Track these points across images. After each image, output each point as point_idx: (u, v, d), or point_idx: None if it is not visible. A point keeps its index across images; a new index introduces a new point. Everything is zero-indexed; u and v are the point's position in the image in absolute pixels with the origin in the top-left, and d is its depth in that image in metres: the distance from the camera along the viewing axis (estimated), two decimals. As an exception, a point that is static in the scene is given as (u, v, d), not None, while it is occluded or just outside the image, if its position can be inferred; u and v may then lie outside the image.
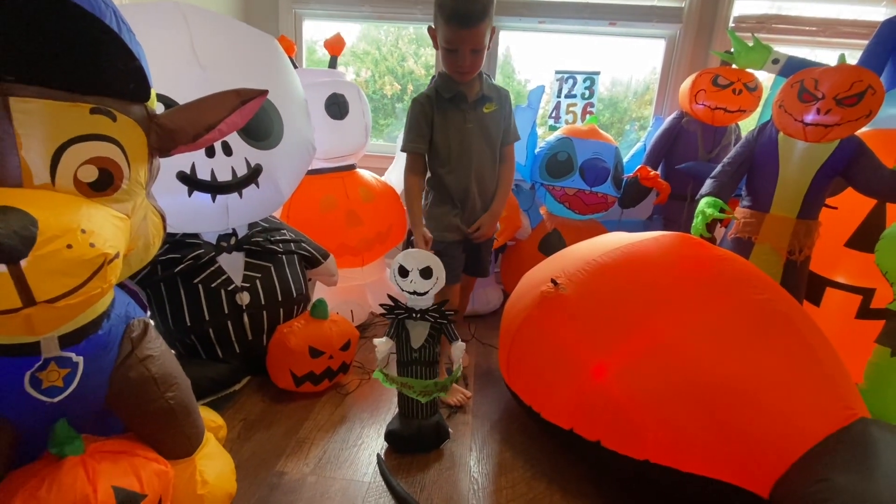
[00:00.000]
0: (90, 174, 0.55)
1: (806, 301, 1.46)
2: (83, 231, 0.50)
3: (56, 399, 0.66)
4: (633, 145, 2.05)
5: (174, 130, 0.65)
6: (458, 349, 1.05)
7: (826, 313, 1.45)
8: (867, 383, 1.11)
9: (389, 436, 1.08)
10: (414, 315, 1.04)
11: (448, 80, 1.16)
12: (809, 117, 1.22)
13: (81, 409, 0.73)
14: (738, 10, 1.99)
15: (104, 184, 0.57)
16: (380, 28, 2.40)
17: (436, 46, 1.14)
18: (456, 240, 1.27)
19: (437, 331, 1.06)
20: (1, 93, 0.49)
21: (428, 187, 1.29)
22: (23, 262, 0.46)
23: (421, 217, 1.23)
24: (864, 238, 1.36)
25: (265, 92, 0.71)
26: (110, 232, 0.54)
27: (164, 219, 0.72)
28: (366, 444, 1.09)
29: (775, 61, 1.58)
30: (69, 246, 0.48)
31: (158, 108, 0.72)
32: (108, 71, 0.54)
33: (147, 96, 0.61)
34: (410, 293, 1.03)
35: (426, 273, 1.02)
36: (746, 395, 0.78)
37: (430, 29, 1.14)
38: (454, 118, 1.18)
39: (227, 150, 1.09)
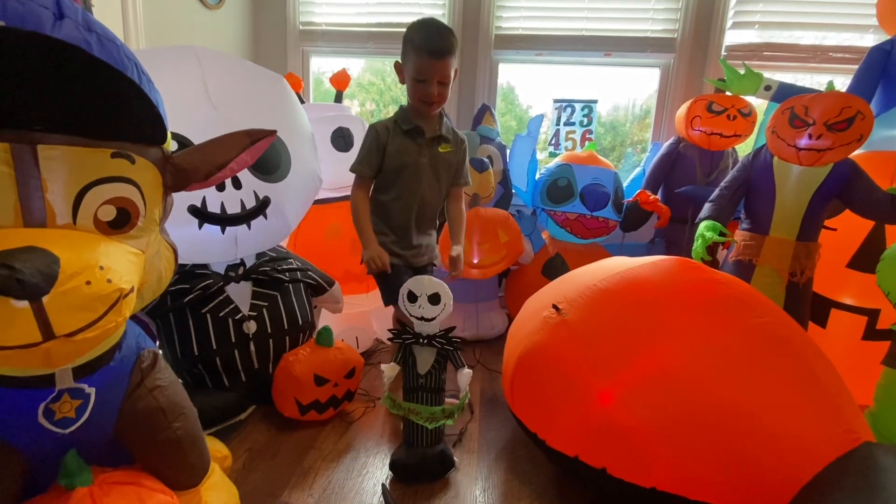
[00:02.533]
0: (109, 214, 0.58)
1: (812, 323, 1.45)
2: (101, 268, 0.53)
3: (68, 430, 0.68)
4: (634, 168, 2.09)
5: (188, 170, 0.68)
6: (464, 376, 1.05)
7: (832, 335, 1.44)
8: (877, 406, 1.10)
9: (394, 465, 1.07)
10: (421, 340, 1.05)
11: (409, 114, 1.22)
12: (802, 142, 1.25)
13: (91, 439, 0.74)
14: (729, 39, 2.06)
15: (122, 222, 0.60)
16: (384, 60, 2.50)
17: (402, 80, 1.20)
18: (401, 263, 1.28)
19: (444, 357, 1.07)
20: (31, 141, 0.52)
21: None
22: (44, 299, 0.49)
23: (373, 235, 1.21)
24: (866, 259, 1.37)
25: (274, 132, 0.75)
26: (126, 267, 0.57)
27: (175, 253, 0.75)
28: (370, 474, 1.09)
29: (767, 87, 1.62)
30: (88, 282, 0.51)
31: (172, 146, 0.76)
32: (129, 119, 0.58)
33: (164, 139, 0.65)
34: (418, 318, 1.05)
35: (434, 299, 1.04)
36: (750, 420, 0.78)
37: (396, 64, 1.20)
38: (409, 149, 1.21)
39: (237, 184, 1.14)
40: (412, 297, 1.05)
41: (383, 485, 1.04)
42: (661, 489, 0.82)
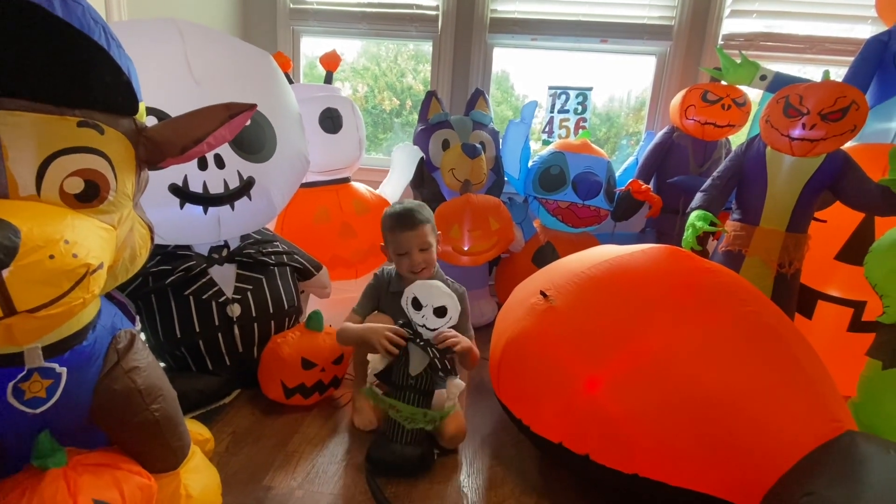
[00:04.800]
0: (76, 186, 0.56)
1: (798, 314, 1.46)
2: (66, 242, 0.50)
3: (39, 410, 0.66)
4: (627, 159, 2.08)
5: (162, 143, 0.66)
6: (455, 387, 1.03)
7: (818, 326, 1.45)
8: (860, 397, 1.10)
9: (371, 460, 1.03)
10: (418, 341, 1.03)
11: (398, 279, 1.20)
12: (796, 132, 1.24)
13: (65, 420, 0.72)
14: (726, 27, 2.04)
15: (90, 195, 0.57)
16: (380, 45, 2.45)
17: (390, 260, 1.23)
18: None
19: (439, 363, 1.03)
20: (-11, 106, 0.50)
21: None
22: (4, 272, 0.46)
23: (365, 328, 1.10)
24: (854, 251, 1.37)
25: (253, 106, 0.72)
26: (95, 243, 0.55)
27: (151, 230, 0.73)
28: (355, 459, 1.08)
29: (763, 77, 1.61)
30: (51, 256, 0.49)
31: (151, 122, 0.73)
32: (96, 86, 0.55)
33: (135, 110, 0.62)
34: (420, 326, 1.03)
35: (440, 312, 1.01)
36: (734, 407, 0.78)
37: (381, 248, 1.23)
38: (400, 312, 1.11)
39: (220, 163, 1.11)
40: (417, 305, 1.01)
41: (368, 470, 1.03)
42: (643, 475, 0.82)
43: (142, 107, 0.65)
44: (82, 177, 0.56)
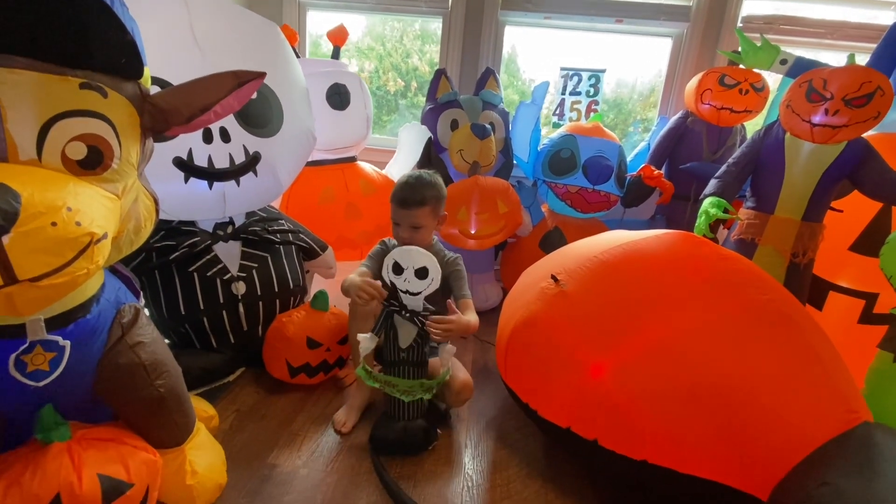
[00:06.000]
0: (79, 151, 0.53)
1: (808, 305, 1.44)
2: (69, 209, 0.48)
3: (41, 383, 0.65)
4: (635, 147, 2.03)
5: (168, 111, 0.63)
6: (447, 353, 1.02)
7: (828, 318, 1.43)
8: (867, 388, 1.09)
9: (374, 439, 1.03)
10: (404, 313, 1.01)
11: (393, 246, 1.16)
12: (817, 118, 1.20)
13: (69, 394, 0.71)
14: (746, 9, 1.97)
15: (93, 162, 0.55)
16: (385, 23, 2.38)
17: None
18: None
19: (427, 332, 1.01)
20: (-13, 63, 0.47)
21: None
22: (4, 239, 0.44)
23: (349, 282, 1.05)
24: (869, 242, 1.34)
25: (262, 74, 0.69)
26: (98, 212, 0.53)
27: (156, 202, 0.70)
28: (359, 439, 1.07)
29: (783, 62, 1.56)
30: (53, 224, 0.47)
31: (154, 91, 0.70)
32: (99, 44, 0.52)
33: (140, 73, 0.59)
34: (403, 292, 1.00)
35: (421, 273, 0.98)
36: (748, 396, 0.77)
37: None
38: None
39: (226, 137, 1.08)
40: (398, 269, 0.99)
41: (372, 450, 1.03)
42: (652, 462, 0.81)
43: (146, 71, 0.62)
44: (85, 142, 0.53)
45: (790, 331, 0.85)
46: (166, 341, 0.84)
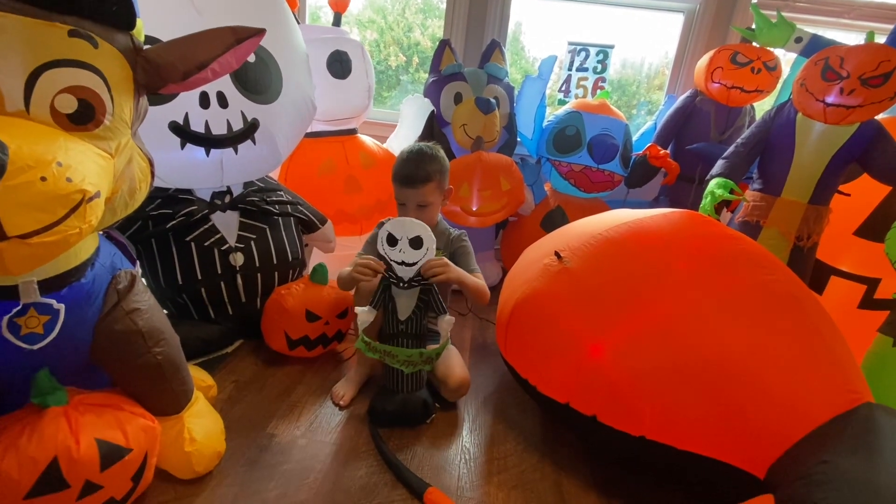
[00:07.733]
0: (69, 104, 0.50)
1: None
2: (59, 164, 0.46)
3: (36, 346, 0.64)
4: (639, 129, 1.99)
5: (162, 66, 0.60)
6: (446, 322, 1.01)
7: (828, 302, 1.43)
8: (865, 372, 1.09)
9: (373, 412, 1.04)
10: (401, 284, 1.00)
11: None
12: (831, 98, 1.17)
13: (64, 359, 0.70)
14: (762, -15, 1.91)
15: (85, 117, 0.52)
16: (386, -9, 2.29)
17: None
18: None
19: (425, 303, 1.02)
20: (-33, 4, 0.44)
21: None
22: (-9, 192, 0.42)
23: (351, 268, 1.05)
24: (875, 227, 1.33)
25: (262, 31, 0.66)
26: (90, 169, 0.50)
27: (151, 164, 0.68)
28: (358, 410, 1.08)
29: (798, 40, 1.51)
30: (43, 178, 0.44)
31: (148, 48, 0.66)
32: (88, -11, 0.49)
33: (132, 25, 0.56)
34: (398, 263, 0.99)
35: (416, 243, 0.97)
36: (748, 375, 0.77)
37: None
38: None
39: (223, 102, 1.04)
40: (392, 241, 0.98)
41: (371, 423, 1.03)
42: (650, 438, 0.82)
43: (139, 23, 0.59)
44: (75, 94, 0.51)
45: (794, 311, 0.84)
46: (164, 312, 0.83)
